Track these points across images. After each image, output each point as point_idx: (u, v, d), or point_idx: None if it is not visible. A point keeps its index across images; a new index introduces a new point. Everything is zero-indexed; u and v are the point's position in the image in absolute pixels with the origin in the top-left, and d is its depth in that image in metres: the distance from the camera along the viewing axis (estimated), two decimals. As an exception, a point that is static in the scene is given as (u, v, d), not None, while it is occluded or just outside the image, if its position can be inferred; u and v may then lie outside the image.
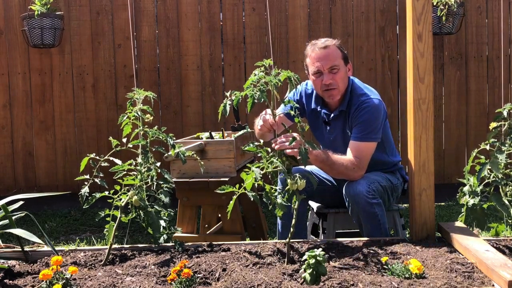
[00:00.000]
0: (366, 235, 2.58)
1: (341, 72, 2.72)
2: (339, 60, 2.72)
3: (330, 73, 2.70)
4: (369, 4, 4.94)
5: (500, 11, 4.89)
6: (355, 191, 2.57)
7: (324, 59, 2.70)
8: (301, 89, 2.94)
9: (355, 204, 2.58)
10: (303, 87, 2.94)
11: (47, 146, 4.94)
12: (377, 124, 2.70)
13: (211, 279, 2.01)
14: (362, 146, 2.67)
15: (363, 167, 2.66)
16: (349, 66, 2.80)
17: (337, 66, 2.71)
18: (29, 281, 2.03)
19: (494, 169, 2.26)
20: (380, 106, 2.73)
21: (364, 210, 2.56)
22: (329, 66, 2.70)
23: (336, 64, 2.70)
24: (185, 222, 3.00)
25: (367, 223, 2.58)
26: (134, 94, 2.41)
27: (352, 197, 2.58)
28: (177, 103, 4.96)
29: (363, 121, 2.68)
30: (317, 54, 2.72)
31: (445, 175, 5.00)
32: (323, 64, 2.70)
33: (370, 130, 2.68)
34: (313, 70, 2.74)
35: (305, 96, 2.92)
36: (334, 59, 2.71)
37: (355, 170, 2.63)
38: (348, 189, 2.62)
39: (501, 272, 1.82)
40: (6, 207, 2.38)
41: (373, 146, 2.70)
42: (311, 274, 1.87)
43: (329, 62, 2.70)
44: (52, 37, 4.59)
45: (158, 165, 2.39)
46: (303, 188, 2.14)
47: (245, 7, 4.94)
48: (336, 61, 2.71)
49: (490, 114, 4.93)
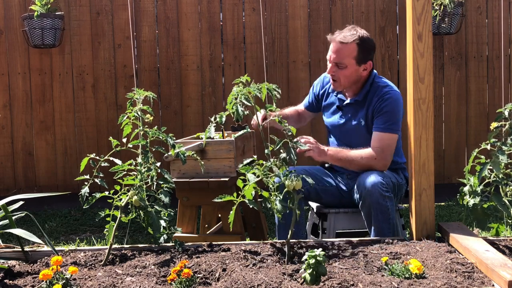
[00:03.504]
0: (375, 229, 2.58)
1: (346, 70, 2.75)
2: (349, 59, 2.74)
3: (335, 66, 2.76)
4: (369, 4, 4.94)
5: (500, 11, 4.89)
6: (370, 182, 2.57)
7: (336, 53, 2.76)
8: (320, 80, 3.05)
9: (368, 195, 2.57)
10: (323, 76, 3.05)
11: (47, 146, 4.94)
12: (399, 116, 2.75)
13: (211, 279, 2.01)
14: (385, 137, 2.69)
15: (386, 158, 2.68)
16: (366, 66, 2.78)
17: (344, 64, 2.74)
18: (29, 281, 2.03)
19: (495, 169, 2.26)
20: (401, 99, 2.78)
21: (377, 202, 2.55)
22: (336, 61, 2.75)
23: (343, 62, 2.74)
24: (185, 222, 3.00)
25: (377, 216, 2.58)
26: (134, 94, 2.41)
27: (367, 188, 2.57)
28: (177, 103, 4.96)
29: (387, 111, 2.72)
30: (333, 44, 2.78)
31: (445, 175, 5.00)
32: (332, 56, 2.77)
33: (393, 121, 2.72)
34: (327, 57, 2.82)
35: (324, 85, 3.01)
36: (344, 57, 2.74)
37: (377, 161, 2.66)
38: (363, 180, 2.61)
39: (501, 272, 1.82)
40: (6, 207, 2.38)
41: (396, 138, 2.74)
42: (311, 274, 1.87)
43: (337, 57, 2.75)
44: (53, 37, 4.59)
45: (158, 165, 2.39)
46: (300, 187, 2.15)
47: (245, 7, 4.94)
48: (345, 59, 2.73)
49: (490, 114, 4.93)
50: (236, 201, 2.11)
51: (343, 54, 2.74)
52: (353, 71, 2.76)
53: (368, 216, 2.63)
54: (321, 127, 4.81)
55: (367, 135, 2.79)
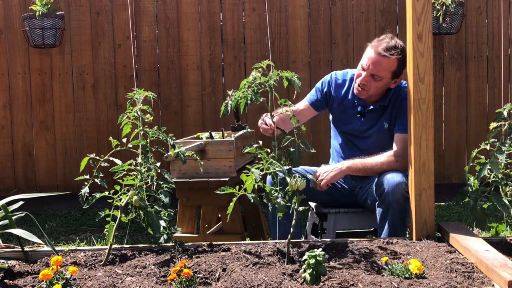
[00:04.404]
0: (389, 227, 2.58)
1: (380, 83, 2.74)
2: (387, 73, 2.72)
3: (370, 77, 2.73)
4: (369, 4, 4.94)
5: (500, 11, 4.89)
6: (395, 181, 2.55)
7: (374, 64, 2.71)
8: (330, 79, 2.97)
9: (390, 194, 2.55)
10: (333, 77, 2.97)
11: (47, 146, 4.94)
12: None
13: (211, 279, 2.01)
14: (406, 138, 2.66)
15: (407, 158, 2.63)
16: (397, 80, 2.79)
17: (381, 77, 2.72)
18: (29, 281, 2.03)
19: (494, 169, 2.26)
20: None
21: (397, 201, 2.55)
22: (374, 72, 2.72)
23: (381, 75, 2.72)
24: (185, 222, 3.00)
25: (394, 216, 2.57)
26: (134, 94, 2.41)
27: (391, 186, 2.55)
28: (177, 103, 4.95)
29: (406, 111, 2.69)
30: (374, 55, 2.72)
31: (445, 175, 5.00)
32: (370, 67, 2.72)
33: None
34: (362, 64, 2.77)
35: (335, 86, 2.94)
36: (383, 70, 2.71)
37: (399, 163, 2.65)
38: (386, 178, 2.59)
39: (501, 272, 1.82)
40: (6, 207, 2.38)
41: None
42: (311, 274, 1.87)
43: (376, 69, 2.71)
44: (53, 37, 4.59)
45: (158, 165, 2.39)
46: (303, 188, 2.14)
47: (245, 7, 4.94)
48: (383, 72, 2.72)
49: (490, 114, 4.93)
50: (237, 193, 2.11)
51: (383, 67, 2.71)
52: (383, 84, 2.75)
53: (384, 214, 2.62)
54: (321, 127, 4.82)
55: (387, 139, 2.79)
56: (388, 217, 2.59)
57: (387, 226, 2.59)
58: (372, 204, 2.72)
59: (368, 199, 2.77)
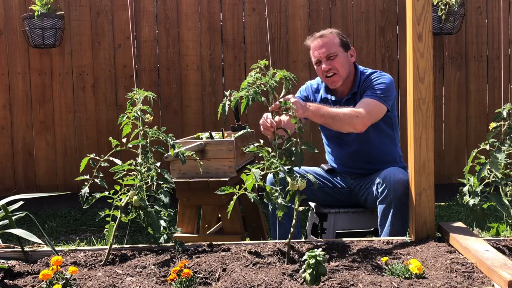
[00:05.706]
0: (390, 225, 2.58)
1: (339, 58, 2.81)
2: (337, 47, 2.82)
3: (328, 60, 2.81)
4: (369, 4, 4.94)
5: (500, 11, 4.89)
6: (398, 178, 2.57)
7: (321, 48, 2.82)
8: (307, 87, 3.06)
9: (392, 190, 2.57)
10: (308, 85, 3.06)
11: (47, 146, 4.94)
12: (389, 92, 2.75)
13: (211, 279, 2.01)
14: (370, 101, 2.70)
15: (369, 119, 2.65)
16: (351, 52, 2.89)
17: (335, 53, 2.81)
18: (29, 281, 2.03)
19: (493, 169, 2.26)
20: (392, 81, 2.81)
21: (399, 199, 2.56)
22: (326, 54, 2.81)
23: (333, 51, 2.81)
24: (185, 222, 3.00)
25: (396, 213, 2.58)
26: (134, 94, 2.41)
27: (393, 183, 2.57)
28: (177, 103, 4.96)
29: (376, 84, 2.77)
30: (314, 44, 2.85)
31: (445, 175, 5.00)
32: (320, 53, 2.82)
33: (381, 93, 2.73)
34: (314, 61, 2.88)
35: (312, 92, 3.02)
36: (331, 46, 2.82)
37: (359, 119, 2.62)
38: (388, 175, 2.61)
39: (501, 272, 1.82)
40: (6, 207, 2.38)
41: (382, 108, 2.72)
42: (311, 274, 1.87)
43: (326, 50, 2.81)
44: (53, 37, 4.59)
45: (158, 165, 2.39)
46: (303, 188, 2.14)
47: (245, 7, 4.94)
48: (333, 48, 2.82)
49: (490, 114, 4.93)
50: (237, 192, 2.10)
51: (329, 44, 2.81)
52: (344, 58, 2.83)
53: (385, 211, 2.62)
54: (321, 127, 4.82)
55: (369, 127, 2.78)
56: (390, 215, 2.60)
57: (388, 224, 2.59)
58: (372, 203, 2.72)
59: (368, 199, 2.77)
